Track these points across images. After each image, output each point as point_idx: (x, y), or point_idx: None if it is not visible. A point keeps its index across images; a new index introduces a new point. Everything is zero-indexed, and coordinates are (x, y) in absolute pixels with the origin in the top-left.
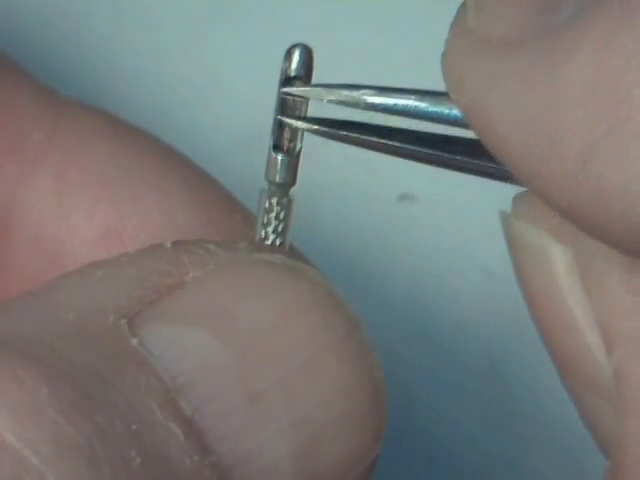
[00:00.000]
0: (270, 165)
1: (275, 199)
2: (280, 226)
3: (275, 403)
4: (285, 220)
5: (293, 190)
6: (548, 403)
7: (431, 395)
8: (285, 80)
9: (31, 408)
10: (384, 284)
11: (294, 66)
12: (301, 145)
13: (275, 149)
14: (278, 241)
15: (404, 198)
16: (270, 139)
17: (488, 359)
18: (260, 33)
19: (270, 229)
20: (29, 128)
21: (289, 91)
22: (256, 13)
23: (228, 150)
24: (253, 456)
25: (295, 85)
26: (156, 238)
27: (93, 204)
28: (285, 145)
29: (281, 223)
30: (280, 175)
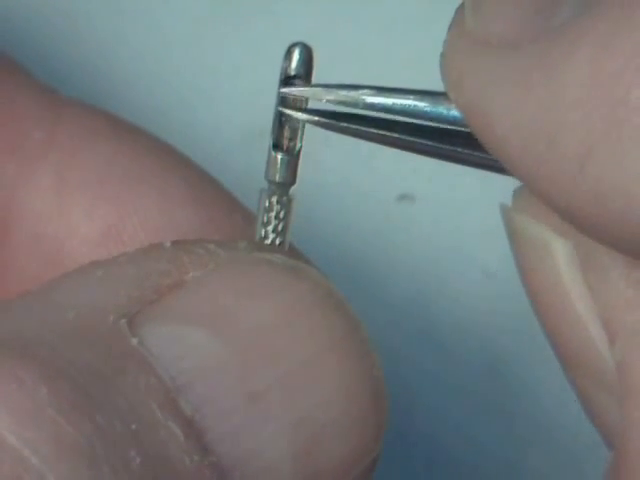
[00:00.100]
0: (270, 164)
1: (275, 198)
2: (280, 225)
3: (275, 403)
4: (285, 219)
5: (293, 189)
6: (548, 403)
7: (431, 395)
8: (285, 79)
9: (31, 408)
10: (384, 284)
11: (294, 65)
12: (301, 144)
13: (275, 148)
14: (278, 240)
15: (403, 198)
16: (270, 138)
17: (488, 359)
18: (260, 33)
19: (270, 228)
20: (29, 128)
21: (288, 91)
22: (256, 13)
23: (228, 150)
24: (253, 456)
25: (295, 84)
26: (156, 238)
27: (93, 204)
28: (285, 144)
29: (281, 222)
30: (280, 174)
